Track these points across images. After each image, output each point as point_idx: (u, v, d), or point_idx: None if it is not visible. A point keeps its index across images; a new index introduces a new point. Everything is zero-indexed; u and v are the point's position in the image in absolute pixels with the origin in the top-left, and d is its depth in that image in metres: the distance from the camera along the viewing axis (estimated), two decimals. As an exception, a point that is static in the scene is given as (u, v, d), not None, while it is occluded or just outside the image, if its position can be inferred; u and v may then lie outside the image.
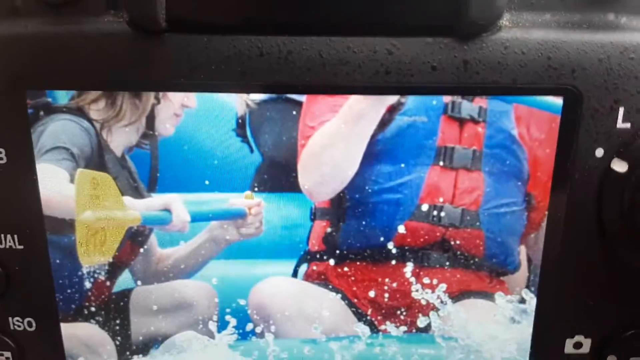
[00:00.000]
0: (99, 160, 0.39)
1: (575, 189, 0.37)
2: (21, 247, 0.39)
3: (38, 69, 0.36)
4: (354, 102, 0.38)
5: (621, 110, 0.36)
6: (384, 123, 0.38)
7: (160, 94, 0.38)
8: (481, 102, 0.38)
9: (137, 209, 0.40)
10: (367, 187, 0.39)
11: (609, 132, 0.36)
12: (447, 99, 0.38)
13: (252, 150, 0.39)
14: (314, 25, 0.35)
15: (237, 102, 0.38)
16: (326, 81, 0.35)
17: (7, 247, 0.39)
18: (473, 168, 0.39)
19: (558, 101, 0.37)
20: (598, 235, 0.38)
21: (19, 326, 0.41)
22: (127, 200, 0.39)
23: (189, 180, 0.39)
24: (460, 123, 0.38)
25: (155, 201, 0.40)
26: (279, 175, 0.39)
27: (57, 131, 0.38)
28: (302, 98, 0.38)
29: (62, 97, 0.37)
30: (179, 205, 0.40)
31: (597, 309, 0.39)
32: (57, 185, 0.39)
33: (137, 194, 0.39)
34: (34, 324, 0.41)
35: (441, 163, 0.39)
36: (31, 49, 0.35)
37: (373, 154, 0.39)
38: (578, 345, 0.40)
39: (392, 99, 0.37)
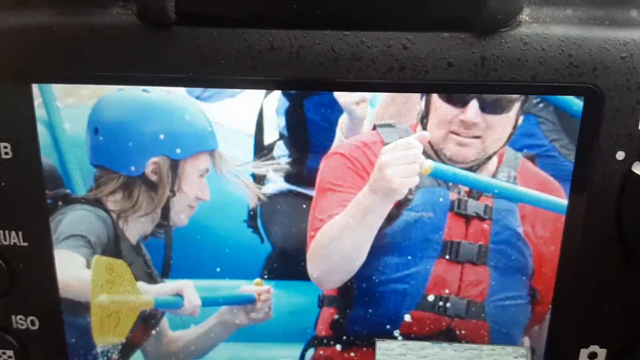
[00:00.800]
0: (114, 247, 0.40)
1: (595, 192, 0.36)
2: (25, 244, 0.38)
3: (44, 61, 0.35)
4: (362, 198, 0.39)
5: None
6: (391, 217, 0.39)
7: (175, 187, 0.39)
8: (487, 200, 0.38)
9: (150, 293, 0.41)
10: (374, 277, 0.40)
11: (630, 133, 0.35)
12: (453, 196, 0.39)
13: (262, 241, 0.40)
14: (327, 19, 0.34)
15: (249, 195, 0.39)
16: (338, 77, 0.35)
17: (12, 243, 0.38)
18: (479, 262, 0.39)
19: (563, 201, 0.37)
20: (617, 240, 0.36)
21: (22, 325, 0.40)
22: (141, 285, 0.41)
23: (201, 268, 0.40)
24: (466, 219, 0.39)
25: (168, 286, 0.41)
26: (288, 264, 0.40)
27: (75, 220, 0.39)
28: (312, 192, 0.39)
29: (80, 188, 0.39)
30: (190, 290, 0.41)
31: (614, 317, 0.38)
32: (74, 270, 0.40)
33: (151, 279, 0.41)
34: (37, 323, 0.40)
35: (447, 257, 0.39)
36: (38, 41, 0.35)
37: (380, 246, 0.40)
38: (593, 355, 0.39)
39: (399, 196, 0.38)
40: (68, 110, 0.37)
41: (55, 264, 0.39)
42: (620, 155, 0.35)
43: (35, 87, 0.36)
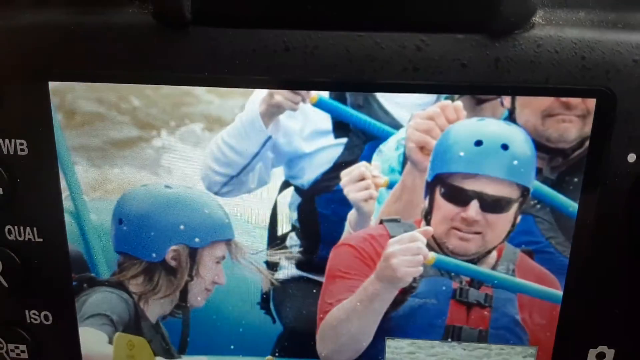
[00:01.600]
0: (135, 325, 0.42)
1: (606, 194, 0.36)
2: (40, 239, 0.39)
3: (61, 60, 0.35)
4: (369, 285, 0.41)
5: None
6: (396, 303, 0.41)
7: (194, 272, 0.41)
8: (487, 290, 0.41)
9: (168, 367, 0.43)
10: (380, 357, 0.42)
11: None
12: (455, 285, 0.41)
13: (274, 321, 0.42)
14: (341, 19, 0.34)
15: (263, 280, 0.42)
16: (352, 78, 0.35)
17: (26, 239, 0.38)
18: (479, 345, 0.42)
19: (558, 293, 0.39)
20: (628, 242, 0.36)
21: (36, 319, 0.40)
22: (160, 360, 0.43)
23: (216, 345, 0.43)
24: (467, 306, 0.41)
25: (185, 361, 0.43)
26: (298, 343, 0.43)
27: (99, 301, 0.42)
28: (322, 279, 0.41)
29: (105, 272, 0.41)
30: (205, 365, 0.43)
31: (623, 318, 0.38)
32: (97, 345, 0.42)
33: (169, 355, 0.43)
34: (50, 318, 0.40)
35: (449, 340, 0.42)
36: (54, 39, 0.35)
37: (386, 329, 0.42)
38: (601, 356, 0.39)
39: (404, 284, 0.41)
40: (94, 202, 0.40)
41: (69, 260, 0.40)
42: (631, 157, 0.35)
43: (61, 173, 0.39)
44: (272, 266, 0.41)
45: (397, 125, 0.38)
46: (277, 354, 0.43)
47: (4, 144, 0.37)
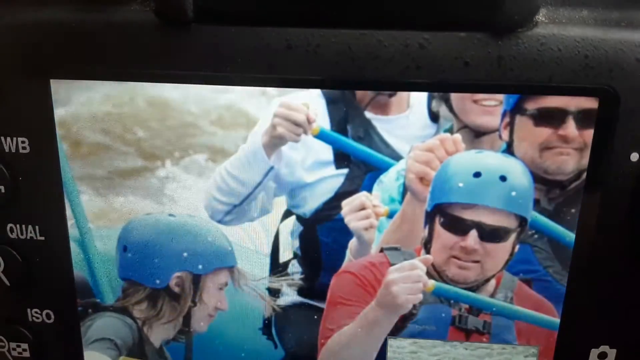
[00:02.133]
0: (139, 350, 0.43)
1: (608, 194, 0.36)
2: (42, 238, 0.39)
3: (62, 57, 0.35)
4: (370, 311, 0.41)
5: None
6: (397, 329, 0.42)
7: (197, 298, 0.42)
8: (486, 317, 0.41)
9: (171, 391, 0.44)
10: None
11: None
12: (454, 312, 0.41)
13: (276, 347, 0.43)
14: (344, 17, 0.34)
15: (265, 306, 0.42)
16: (355, 76, 0.35)
17: (28, 237, 0.38)
18: (478, 371, 0.42)
19: (555, 320, 0.40)
20: (629, 241, 0.36)
21: (38, 318, 0.40)
22: (163, 383, 0.44)
23: (219, 369, 0.44)
24: (466, 333, 0.42)
25: (188, 385, 0.44)
26: (300, 368, 0.43)
27: (103, 326, 0.42)
28: (323, 305, 0.42)
29: (109, 298, 0.42)
30: (208, 389, 0.44)
31: (625, 318, 0.38)
32: (101, 369, 0.43)
33: (172, 378, 0.44)
34: (52, 316, 0.41)
35: (450, 345, 0.42)
36: (56, 37, 0.35)
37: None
38: (603, 355, 0.39)
39: (404, 311, 0.41)
40: (99, 230, 0.40)
41: (70, 258, 0.40)
42: (634, 157, 0.35)
43: (67, 202, 0.39)
44: (274, 293, 0.42)
45: (397, 157, 0.39)
46: (278, 378, 0.44)
47: (5, 142, 0.37)
